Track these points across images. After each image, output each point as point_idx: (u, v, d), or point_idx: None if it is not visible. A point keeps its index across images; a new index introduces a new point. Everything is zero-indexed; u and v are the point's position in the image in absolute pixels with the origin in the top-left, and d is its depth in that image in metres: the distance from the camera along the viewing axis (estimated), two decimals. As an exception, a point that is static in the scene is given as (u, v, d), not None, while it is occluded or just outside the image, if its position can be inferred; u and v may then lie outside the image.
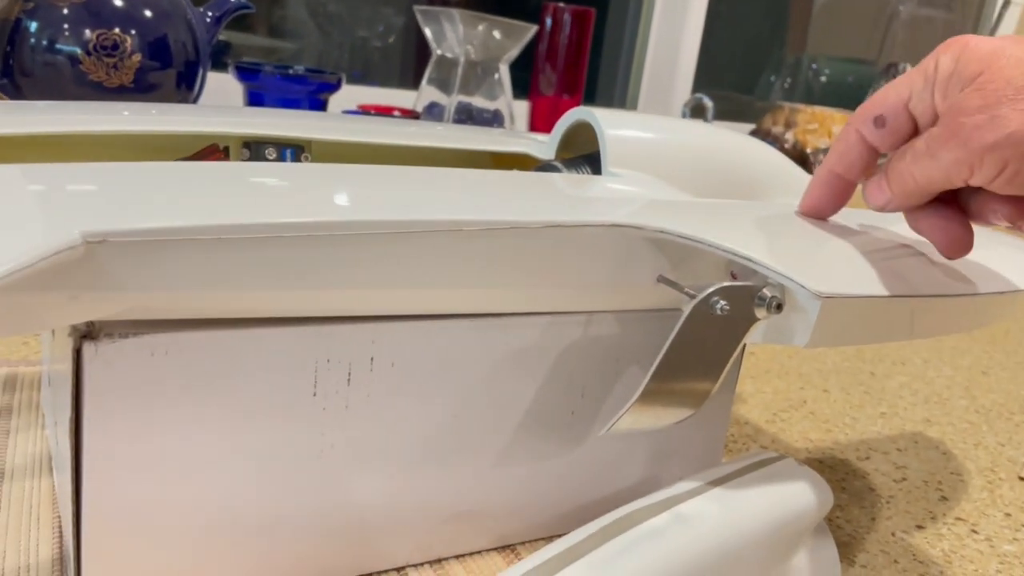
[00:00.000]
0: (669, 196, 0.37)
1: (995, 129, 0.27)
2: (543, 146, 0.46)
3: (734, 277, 0.34)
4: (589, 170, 0.40)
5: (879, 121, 0.32)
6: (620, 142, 0.39)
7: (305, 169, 0.31)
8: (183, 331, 0.26)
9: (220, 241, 0.24)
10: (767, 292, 0.31)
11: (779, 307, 0.31)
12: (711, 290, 0.30)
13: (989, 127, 0.27)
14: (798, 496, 0.34)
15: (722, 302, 0.30)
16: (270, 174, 0.29)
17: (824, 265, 0.32)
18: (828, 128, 1.11)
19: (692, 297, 0.30)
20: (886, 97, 0.32)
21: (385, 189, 0.30)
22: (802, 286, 0.30)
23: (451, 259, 0.29)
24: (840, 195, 0.35)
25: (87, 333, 0.25)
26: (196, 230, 0.23)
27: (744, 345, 0.32)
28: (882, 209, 0.33)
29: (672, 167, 0.40)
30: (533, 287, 0.31)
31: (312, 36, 1.19)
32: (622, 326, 0.36)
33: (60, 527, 0.33)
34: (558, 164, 0.41)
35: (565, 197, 0.33)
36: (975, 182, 0.29)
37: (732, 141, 0.45)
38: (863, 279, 0.33)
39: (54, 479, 0.36)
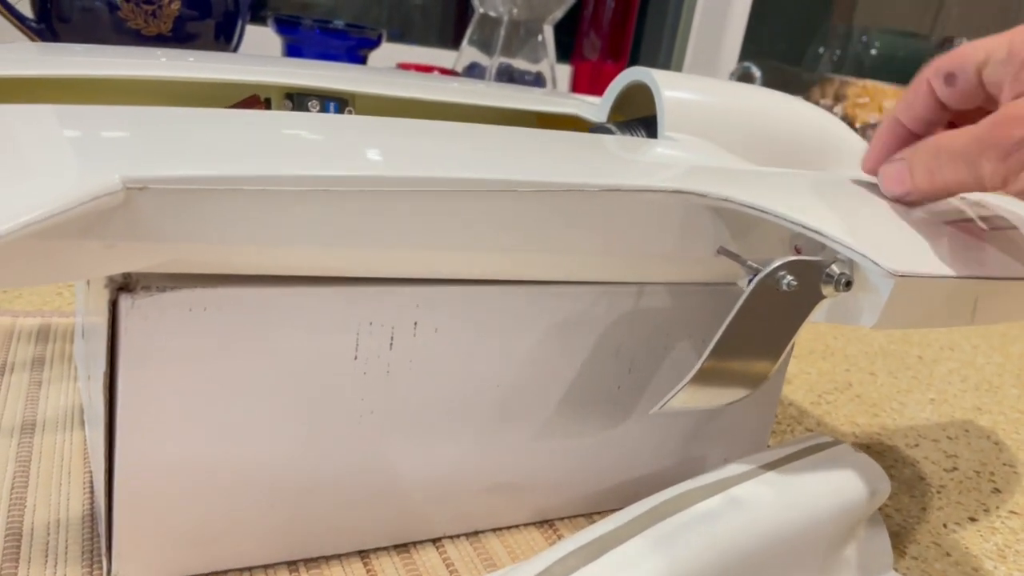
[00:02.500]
0: (729, 163, 0.35)
1: None
2: (593, 108, 0.44)
3: (798, 251, 0.32)
4: (644, 134, 0.38)
5: (949, 79, 0.30)
6: (678, 105, 0.37)
7: (352, 122, 0.29)
8: (222, 287, 0.25)
9: (264, 192, 0.22)
10: (836, 268, 0.29)
11: (848, 285, 0.29)
12: (777, 264, 0.28)
13: None
14: (854, 484, 0.33)
15: (789, 277, 0.28)
16: (316, 125, 0.28)
17: (896, 241, 0.31)
18: (879, 103, 1.07)
19: (755, 271, 0.29)
20: (963, 56, 0.30)
21: (435, 145, 0.29)
22: (875, 263, 0.28)
23: (502, 221, 0.27)
24: (904, 146, 0.33)
25: (124, 285, 0.24)
26: (240, 180, 0.22)
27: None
28: (898, 199, 0.32)
29: (732, 133, 0.38)
30: (586, 254, 0.30)
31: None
32: (674, 299, 0.34)
33: (91, 482, 0.33)
34: (611, 126, 0.39)
35: (622, 160, 0.32)
36: (1009, 193, 0.28)
37: (794, 108, 0.43)
38: (935, 258, 0.31)
39: (86, 433, 0.36)
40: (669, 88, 0.37)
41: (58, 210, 0.19)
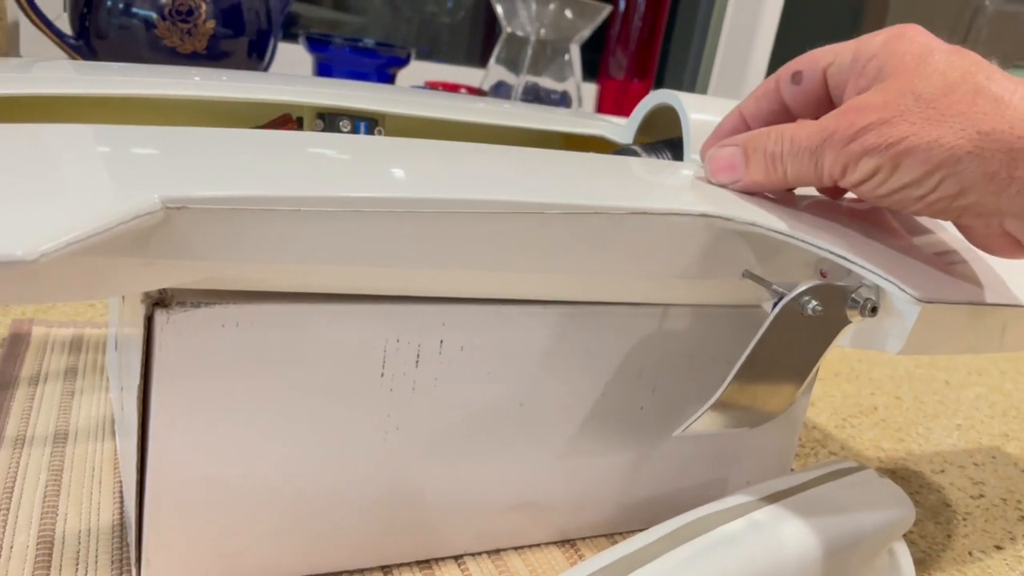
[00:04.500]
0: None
1: (880, 135, 0.27)
2: (620, 129, 0.44)
3: (824, 276, 0.32)
4: (670, 156, 0.38)
5: (796, 78, 0.31)
6: (705, 128, 0.37)
7: (382, 143, 0.30)
8: (255, 303, 0.26)
9: (299, 213, 0.23)
10: (862, 294, 0.29)
11: (874, 310, 0.29)
12: (803, 289, 0.28)
13: (875, 132, 0.27)
14: (879, 511, 0.32)
15: (814, 302, 0.28)
16: (348, 147, 0.28)
17: (922, 268, 0.30)
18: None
19: (780, 295, 0.29)
20: (812, 57, 0.31)
21: (464, 167, 0.29)
22: (902, 289, 0.28)
23: (530, 242, 0.27)
24: None
25: (160, 300, 0.25)
26: (276, 200, 0.23)
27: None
28: (724, 185, 0.31)
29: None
30: (612, 276, 0.30)
31: (377, 9, 1.18)
32: (699, 321, 0.34)
33: (121, 491, 0.33)
34: (637, 148, 0.39)
35: (648, 183, 0.32)
36: (844, 183, 0.28)
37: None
38: (962, 284, 0.31)
39: (117, 443, 0.36)
40: (696, 111, 0.38)
41: (100, 229, 0.20)
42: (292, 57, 0.80)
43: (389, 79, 0.74)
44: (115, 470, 0.34)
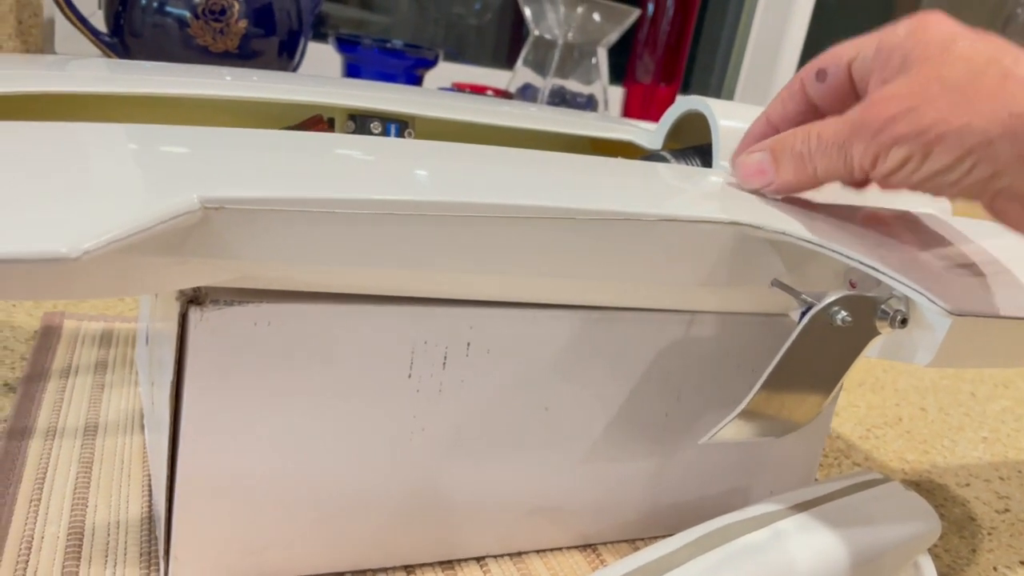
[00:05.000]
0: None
1: (909, 123, 0.27)
2: (648, 134, 0.44)
3: (852, 286, 0.32)
4: (699, 163, 0.38)
5: (820, 75, 0.31)
6: (735, 135, 0.37)
7: (415, 146, 0.30)
8: (287, 302, 0.26)
9: (333, 215, 0.23)
10: (892, 305, 0.29)
11: (903, 322, 0.29)
12: (832, 299, 0.28)
13: (904, 120, 0.27)
14: (904, 523, 0.32)
15: (843, 313, 0.28)
16: (381, 149, 0.29)
17: (953, 279, 0.30)
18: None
19: (809, 304, 0.29)
20: (836, 53, 0.31)
21: (496, 171, 0.29)
22: (933, 301, 0.28)
23: (559, 248, 0.27)
24: None
25: (194, 298, 0.25)
26: (311, 202, 0.23)
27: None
28: (756, 189, 0.32)
29: (788, 165, 0.38)
30: (640, 282, 0.30)
31: (405, 10, 1.19)
32: (725, 329, 0.34)
33: (150, 485, 0.34)
34: (666, 154, 0.39)
35: (678, 190, 0.32)
36: (876, 175, 0.28)
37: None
38: (995, 297, 0.31)
39: (145, 437, 0.37)
40: (726, 117, 0.38)
41: (141, 227, 0.20)
42: (321, 57, 0.81)
43: (417, 80, 0.75)
44: (144, 464, 0.35)
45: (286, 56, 0.67)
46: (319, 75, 0.44)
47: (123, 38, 0.64)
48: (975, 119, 0.26)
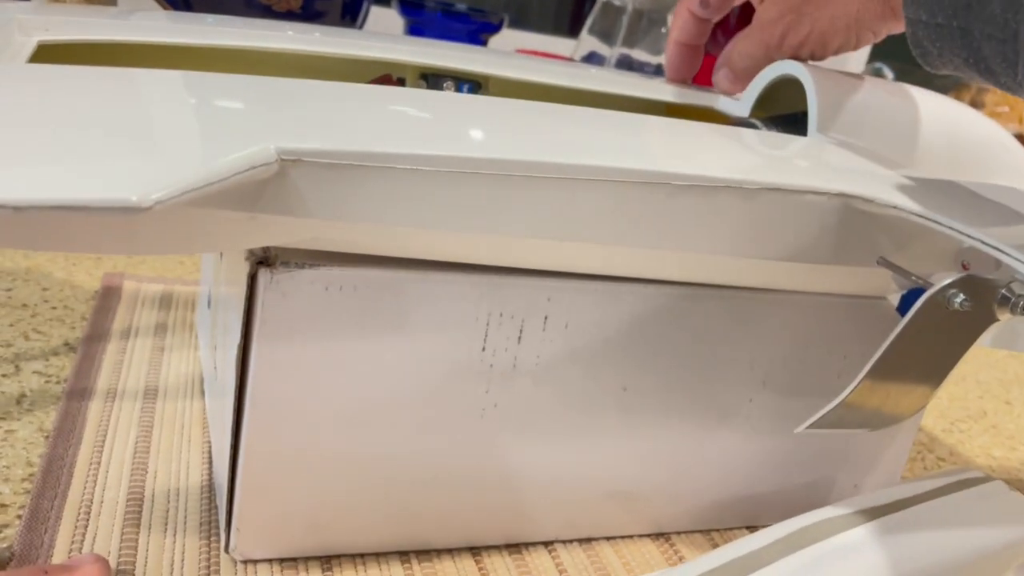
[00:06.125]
0: (890, 168, 0.33)
1: (797, 35, 0.37)
2: (733, 103, 0.42)
3: (965, 268, 0.29)
4: (794, 132, 0.36)
5: (703, 3, 0.41)
6: (833, 102, 0.35)
7: (498, 104, 0.28)
8: (360, 267, 0.24)
9: (416, 172, 0.21)
10: (1015, 290, 0.26)
11: (1026, 308, 0.26)
12: (949, 281, 0.26)
13: (792, 34, 0.37)
14: (1009, 526, 0.30)
15: (962, 296, 0.26)
16: (464, 107, 0.27)
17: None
18: (1020, 112, 1.00)
19: (918, 287, 0.26)
20: None
21: (585, 132, 0.27)
22: (1063, 287, 0.25)
23: (651, 215, 0.25)
24: (693, 59, 0.44)
25: (264, 259, 0.24)
26: (394, 158, 0.21)
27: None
28: (732, 91, 0.40)
29: (890, 136, 0.35)
30: (735, 256, 0.28)
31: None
32: (817, 311, 0.32)
33: (209, 452, 0.33)
34: (756, 122, 0.37)
35: (779, 158, 0.30)
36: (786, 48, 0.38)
37: (953, 111, 0.39)
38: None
39: (206, 402, 0.36)
40: (823, 84, 0.35)
41: (215, 178, 0.18)
42: (383, 20, 0.79)
43: (481, 44, 0.73)
44: (204, 430, 0.34)
45: (349, 18, 0.65)
46: (385, 33, 0.43)
47: (186, -3, 0.63)
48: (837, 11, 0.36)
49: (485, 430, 0.28)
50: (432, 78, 0.36)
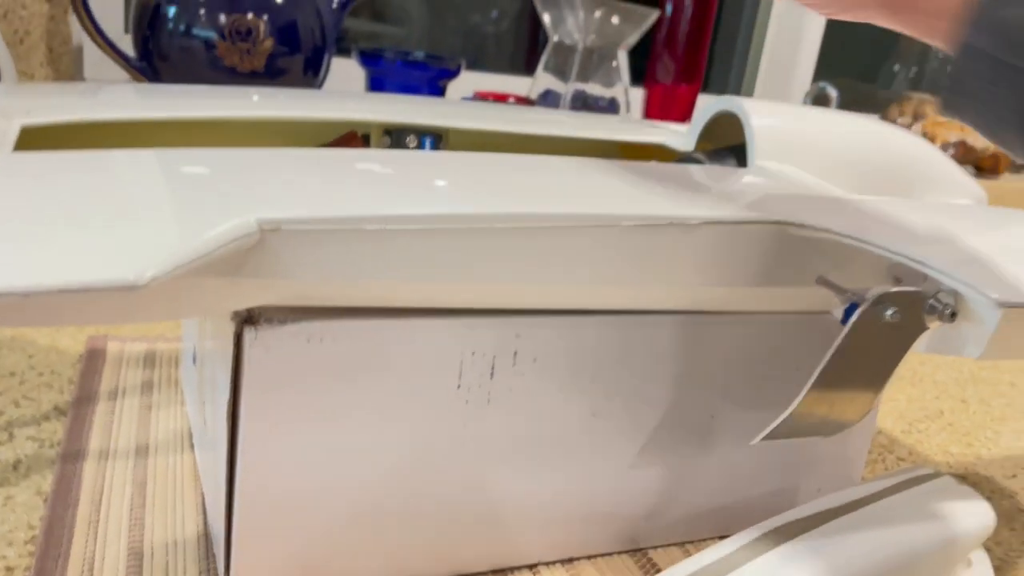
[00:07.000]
0: (823, 192, 0.35)
1: None
2: (680, 136, 0.44)
3: (898, 281, 0.32)
4: (735, 163, 0.38)
5: None
6: (769, 133, 0.37)
7: (456, 159, 0.30)
8: (339, 319, 0.26)
9: (384, 232, 0.24)
10: (941, 299, 0.29)
11: (953, 316, 0.29)
12: (880, 295, 0.28)
13: None
14: (959, 518, 0.32)
15: (892, 309, 0.28)
16: (423, 163, 0.29)
17: (1002, 270, 0.30)
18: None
19: (854, 301, 0.28)
20: None
21: (540, 181, 0.29)
22: (981, 294, 0.28)
23: (604, 254, 0.28)
24: None
25: (248, 318, 0.25)
26: (363, 220, 0.23)
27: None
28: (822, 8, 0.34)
29: (823, 161, 0.38)
30: (684, 285, 0.30)
31: (419, 20, 1.19)
32: (768, 329, 0.34)
33: (203, 504, 0.34)
34: (700, 156, 0.39)
35: (717, 191, 0.32)
36: None
37: (884, 134, 0.42)
38: (1042, 288, 0.30)
39: (196, 455, 0.37)
40: (759, 116, 0.38)
41: (203, 252, 0.20)
42: (345, 72, 0.82)
43: (440, 91, 0.75)
44: (196, 482, 0.35)
45: (311, 73, 0.67)
46: (346, 91, 0.45)
47: (151, 62, 0.65)
48: None
49: (465, 462, 0.30)
50: (396, 133, 0.38)
